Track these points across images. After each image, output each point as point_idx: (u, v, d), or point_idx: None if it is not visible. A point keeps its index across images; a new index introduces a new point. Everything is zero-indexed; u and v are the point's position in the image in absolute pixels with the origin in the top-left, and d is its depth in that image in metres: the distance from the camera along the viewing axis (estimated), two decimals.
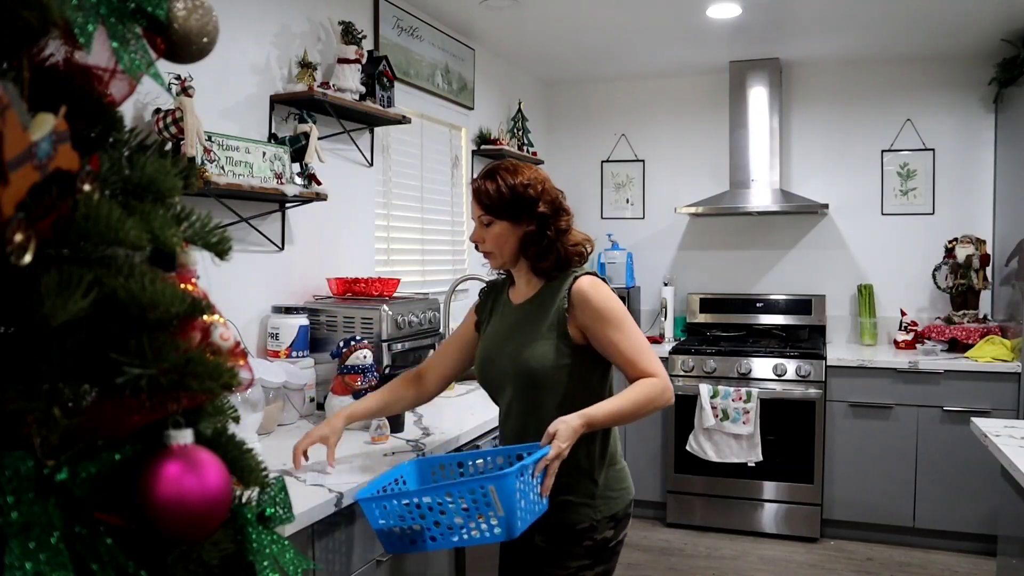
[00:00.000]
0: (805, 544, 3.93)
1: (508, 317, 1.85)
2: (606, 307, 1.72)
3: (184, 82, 2.01)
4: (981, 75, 4.22)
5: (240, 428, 1.06)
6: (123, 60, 0.83)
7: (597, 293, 1.73)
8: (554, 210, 1.76)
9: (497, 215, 1.76)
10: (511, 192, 1.74)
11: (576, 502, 1.74)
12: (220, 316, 0.96)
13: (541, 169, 1.84)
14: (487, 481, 1.49)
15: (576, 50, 4.23)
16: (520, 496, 1.49)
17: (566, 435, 1.59)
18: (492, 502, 1.48)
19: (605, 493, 1.76)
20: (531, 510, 1.55)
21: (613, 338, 1.71)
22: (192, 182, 0.98)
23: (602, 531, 1.75)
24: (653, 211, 4.90)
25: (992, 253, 4.13)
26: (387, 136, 3.27)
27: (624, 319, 1.73)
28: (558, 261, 1.78)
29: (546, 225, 1.75)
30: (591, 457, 1.76)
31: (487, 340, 1.88)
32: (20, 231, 0.72)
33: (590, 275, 1.78)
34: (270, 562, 0.96)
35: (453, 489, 1.52)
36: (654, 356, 1.73)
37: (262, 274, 2.54)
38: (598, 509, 1.75)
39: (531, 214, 1.75)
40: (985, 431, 2.22)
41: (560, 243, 1.77)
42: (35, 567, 0.71)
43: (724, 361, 4.08)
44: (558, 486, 1.67)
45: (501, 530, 1.50)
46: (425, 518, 1.54)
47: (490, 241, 1.78)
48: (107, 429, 0.82)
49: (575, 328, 1.74)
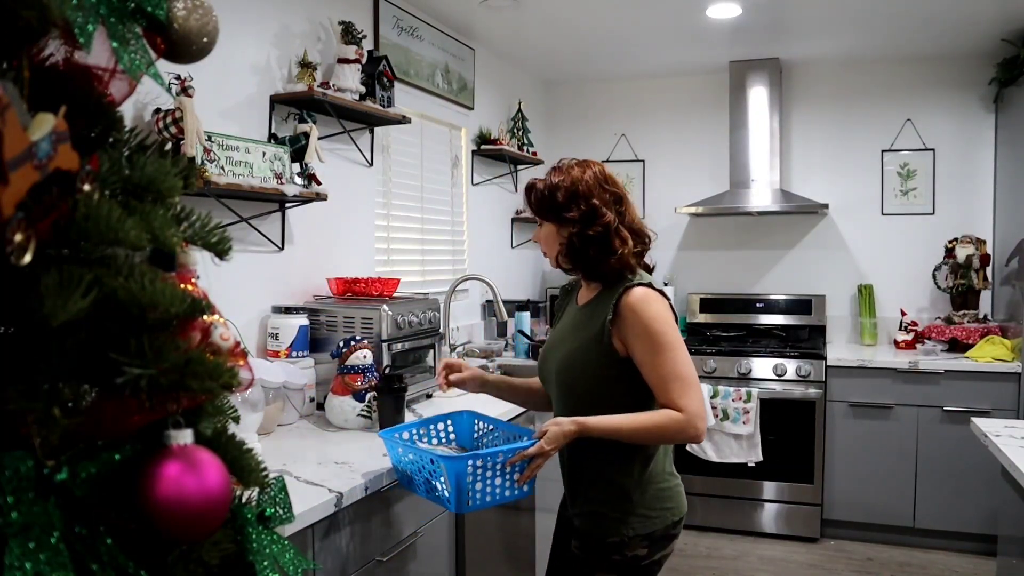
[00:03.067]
0: (805, 544, 3.93)
1: (569, 318, 1.83)
2: (651, 324, 1.63)
3: (184, 82, 2.01)
4: (981, 75, 4.22)
5: (240, 428, 1.06)
6: (123, 60, 0.83)
7: (646, 308, 1.64)
8: (585, 215, 1.68)
9: (542, 216, 1.75)
10: (547, 194, 1.72)
11: (609, 516, 1.70)
12: (220, 316, 0.96)
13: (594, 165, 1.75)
14: (440, 459, 1.65)
15: (576, 50, 4.23)
16: (477, 479, 1.62)
17: (554, 437, 1.60)
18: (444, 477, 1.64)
19: (640, 511, 1.69)
20: (494, 495, 1.66)
21: (651, 359, 1.62)
22: (192, 182, 0.98)
23: (633, 548, 1.69)
24: (653, 211, 4.90)
25: (992, 253, 4.13)
26: (387, 136, 3.27)
27: (667, 340, 1.62)
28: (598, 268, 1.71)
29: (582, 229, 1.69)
30: (628, 474, 1.70)
31: (549, 338, 1.89)
32: (20, 231, 0.72)
33: (645, 287, 1.68)
34: (270, 562, 0.96)
35: (417, 453, 1.72)
36: (691, 389, 1.61)
37: (262, 274, 2.54)
38: (631, 526, 1.68)
39: (562, 218, 1.70)
40: (985, 431, 2.22)
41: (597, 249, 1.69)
42: (35, 567, 0.71)
43: (724, 361, 4.08)
44: (591, 496, 1.71)
45: (452, 504, 1.65)
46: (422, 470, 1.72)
47: (540, 241, 1.79)
48: (107, 429, 0.82)
49: (619, 341, 1.66)
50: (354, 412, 2.28)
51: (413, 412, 2.54)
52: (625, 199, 1.75)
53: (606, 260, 1.69)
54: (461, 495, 1.61)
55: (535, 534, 2.89)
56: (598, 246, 1.68)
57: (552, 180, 1.72)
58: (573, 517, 1.77)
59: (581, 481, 1.75)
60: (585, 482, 1.74)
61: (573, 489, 1.78)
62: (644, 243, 1.77)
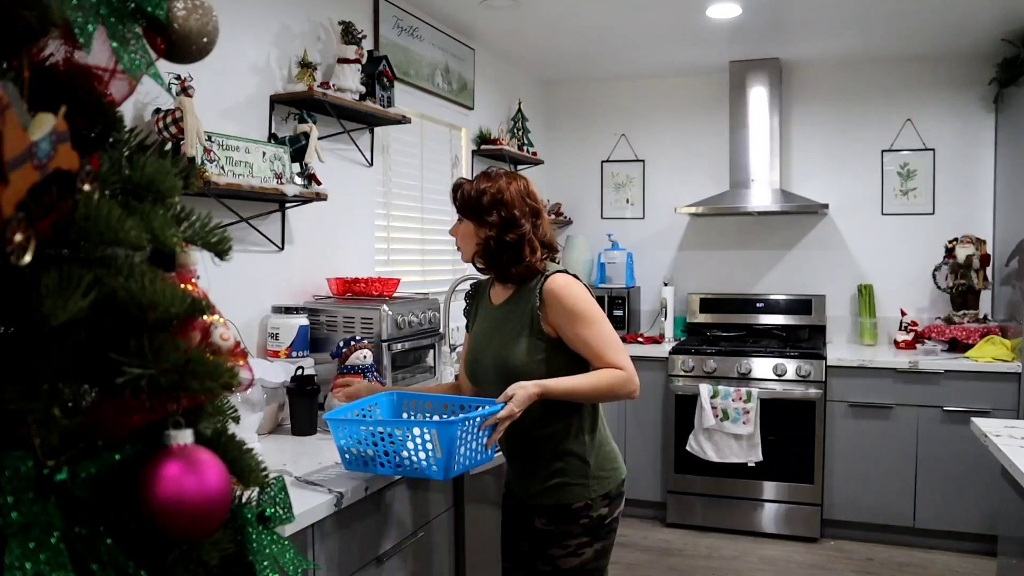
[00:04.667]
0: (805, 544, 3.93)
1: (489, 317, 1.98)
2: (575, 304, 1.82)
3: (184, 82, 2.01)
4: (981, 75, 4.22)
5: (240, 428, 1.06)
6: (123, 60, 0.83)
7: (567, 291, 1.83)
8: (504, 222, 1.85)
9: (463, 214, 1.92)
10: (474, 196, 1.88)
11: (572, 483, 1.86)
12: (220, 316, 0.96)
13: (520, 179, 1.93)
14: (431, 425, 1.69)
15: (576, 50, 4.23)
16: (461, 444, 1.69)
17: (520, 399, 1.73)
18: (434, 444, 1.68)
19: (597, 473, 1.88)
20: (472, 459, 1.75)
21: (582, 334, 1.81)
22: (192, 182, 0.98)
23: (597, 509, 1.87)
24: (653, 211, 4.90)
25: (992, 253, 4.13)
26: (387, 136, 3.26)
27: (592, 315, 1.83)
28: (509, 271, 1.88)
29: (499, 234, 1.86)
30: (581, 441, 1.88)
31: (473, 340, 2.02)
32: (20, 231, 0.72)
33: (562, 273, 1.88)
34: (270, 562, 0.96)
35: (403, 426, 1.74)
36: (621, 350, 1.82)
37: (262, 274, 2.54)
38: (592, 488, 1.86)
39: (483, 220, 1.87)
40: (985, 431, 2.22)
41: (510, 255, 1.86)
42: (35, 567, 0.71)
43: (724, 361, 4.08)
44: (553, 470, 1.86)
45: (439, 469, 1.70)
46: (377, 446, 1.73)
47: (457, 235, 1.96)
48: (107, 429, 0.82)
49: (548, 325, 1.84)
50: None
51: None
52: (542, 214, 1.93)
53: (517, 265, 1.87)
54: (450, 461, 1.68)
55: None
56: (511, 252, 1.86)
57: (480, 185, 1.90)
58: (533, 497, 1.90)
59: (539, 458, 1.89)
60: (544, 459, 1.88)
61: (530, 470, 1.91)
62: (552, 255, 1.96)
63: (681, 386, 4.08)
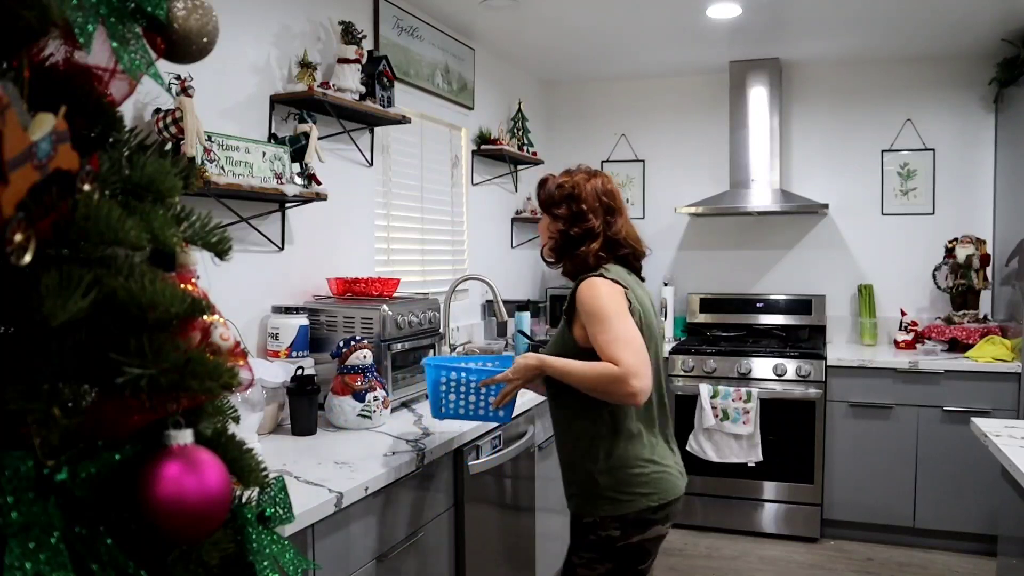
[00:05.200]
0: (805, 544, 3.93)
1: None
2: (591, 304, 1.79)
3: (184, 82, 2.01)
4: (981, 75, 4.22)
5: (240, 428, 1.06)
6: (123, 60, 0.83)
7: (587, 292, 1.81)
8: (572, 215, 1.88)
9: (540, 206, 1.97)
10: (551, 189, 1.93)
11: (580, 497, 1.88)
12: (220, 316, 0.96)
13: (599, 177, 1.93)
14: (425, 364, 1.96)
15: (576, 50, 4.23)
16: (448, 391, 1.91)
17: (518, 368, 1.84)
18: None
19: (608, 494, 1.82)
20: (468, 412, 1.94)
21: (594, 330, 1.77)
22: (192, 182, 0.98)
23: (606, 529, 1.83)
24: (653, 211, 4.90)
25: (992, 253, 4.13)
26: (387, 136, 3.26)
27: (604, 311, 1.76)
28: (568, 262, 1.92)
29: (567, 227, 1.89)
30: (594, 459, 1.84)
31: None
32: (20, 231, 0.72)
33: (595, 276, 1.83)
34: (270, 562, 0.96)
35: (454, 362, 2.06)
36: (628, 349, 1.69)
37: (262, 274, 2.54)
38: (600, 508, 1.83)
39: (553, 213, 1.92)
40: (985, 431, 2.22)
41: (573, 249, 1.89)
42: (35, 567, 0.71)
43: (724, 361, 4.08)
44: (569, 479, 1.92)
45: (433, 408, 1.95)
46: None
47: (540, 229, 2.01)
48: (107, 429, 0.82)
49: (579, 327, 1.83)
50: (354, 412, 2.28)
51: (413, 412, 2.54)
52: (619, 212, 1.92)
53: (572, 259, 1.90)
54: (433, 398, 1.91)
55: (535, 534, 2.89)
56: (575, 246, 1.89)
57: (559, 180, 1.93)
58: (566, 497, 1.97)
59: (562, 466, 1.95)
60: (564, 467, 1.95)
61: (563, 475, 1.97)
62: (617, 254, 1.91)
63: (681, 386, 4.08)
